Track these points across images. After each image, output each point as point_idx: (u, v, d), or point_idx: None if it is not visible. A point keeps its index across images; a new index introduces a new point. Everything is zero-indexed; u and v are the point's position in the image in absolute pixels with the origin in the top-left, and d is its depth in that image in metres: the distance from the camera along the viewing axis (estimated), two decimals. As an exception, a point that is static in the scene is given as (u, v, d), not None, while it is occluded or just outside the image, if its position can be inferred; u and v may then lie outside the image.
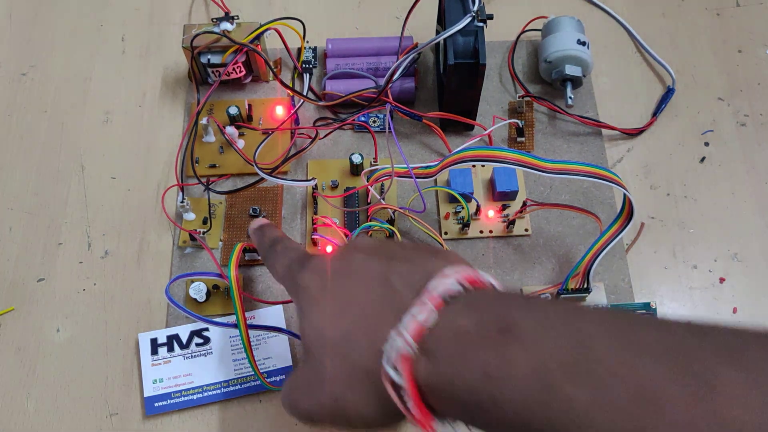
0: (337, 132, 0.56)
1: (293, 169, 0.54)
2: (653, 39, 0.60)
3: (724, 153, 0.55)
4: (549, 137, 0.56)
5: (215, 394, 0.46)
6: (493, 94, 0.58)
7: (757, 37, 0.60)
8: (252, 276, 0.50)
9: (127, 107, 0.58)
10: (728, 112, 0.57)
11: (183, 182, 0.53)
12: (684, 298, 0.49)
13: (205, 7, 0.63)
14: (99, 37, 0.61)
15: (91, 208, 0.53)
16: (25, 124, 0.57)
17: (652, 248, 0.51)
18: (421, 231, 0.51)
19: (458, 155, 0.43)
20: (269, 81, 0.58)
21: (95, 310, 0.49)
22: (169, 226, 0.52)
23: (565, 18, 0.56)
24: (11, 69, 0.59)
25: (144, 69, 0.59)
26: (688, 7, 0.62)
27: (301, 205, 0.53)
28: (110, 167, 0.55)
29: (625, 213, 0.45)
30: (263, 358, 0.47)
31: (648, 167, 0.54)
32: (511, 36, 0.60)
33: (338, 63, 0.57)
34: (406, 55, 0.50)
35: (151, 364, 0.47)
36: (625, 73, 0.59)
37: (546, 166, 0.41)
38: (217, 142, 0.54)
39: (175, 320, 0.48)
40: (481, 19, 0.48)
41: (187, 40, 0.53)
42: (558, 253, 0.51)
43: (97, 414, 0.46)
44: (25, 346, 0.48)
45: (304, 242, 0.51)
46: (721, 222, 0.52)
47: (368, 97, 0.54)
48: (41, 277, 0.50)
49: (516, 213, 0.50)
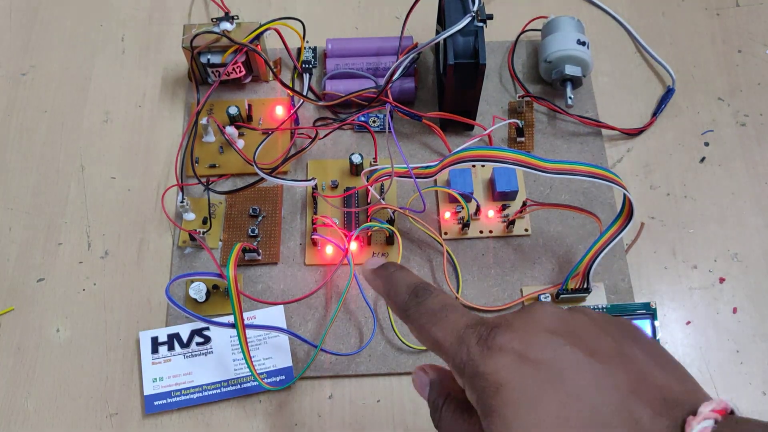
0: (337, 132, 0.56)
1: (293, 169, 0.54)
2: (653, 39, 0.60)
3: (724, 153, 0.55)
4: (549, 137, 0.56)
5: (215, 394, 0.46)
6: (493, 94, 0.58)
7: (757, 37, 0.60)
8: (252, 276, 0.50)
9: (127, 107, 0.58)
10: (728, 112, 0.57)
11: (183, 182, 0.53)
12: (684, 298, 0.49)
13: (205, 7, 0.63)
14: (99, 37, 0.61)
15: (91, 208, 0.53)
16: (25, 124, 0.57)
17: (652, 248, 0.51)
18: (421, 231, 0.51)
19: (458, 155, 0.43)
20: (269, 81, 0.58)
21: (95, 310, 0.49)
22: (169, 226, 0.52)
23: (565, 18, 0.56)
24: (11, 69, 0.59)
25: (144, 69, 0.59)
26: (688, 7, 0.62)
27: (301, 205, 0.53)
28: (110, 167, 0.55)
29: (625, 213, 0.45)
30: (263, 358, 0.47)
31: (648, 167, 0.54)
32: (511, 36, 0.60)
33: (338, 63, 0.57)
34: (406, 55, 0.50)
35: (151, 362, 0.47)
36: (625, 73, 0.59)
37: (546, 166, 0.41)
38: (217, 142, 0.54)
39: (174, 320, 0.48)
40: (481, 19, 0.48)
41: (187, 40, 0.53)
42: (558, 253, 0.51)
43: (97, 414, 0.46)
44: (25, 346, 0.48)
45: (304, 242, 0.51)
46: (721, 222, 0.52)
47: (368, 97, 0.54)
48: (41, 277, 0.50)
49: (516, 213, 0.50)
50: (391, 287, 0.31)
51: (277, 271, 0.50)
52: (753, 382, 0.46)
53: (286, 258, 0.51)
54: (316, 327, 0.48)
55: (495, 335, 0.25)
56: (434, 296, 0.29)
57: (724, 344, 0.48)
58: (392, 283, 0.32)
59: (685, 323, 0.49)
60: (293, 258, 0.51)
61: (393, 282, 0.32)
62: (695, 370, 0.47)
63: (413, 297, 0.30)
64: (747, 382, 0.46)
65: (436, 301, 0.29)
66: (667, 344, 0.48)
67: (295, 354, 0.47)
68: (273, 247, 0.51)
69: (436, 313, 0.28)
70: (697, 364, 0.47)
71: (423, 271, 0.50)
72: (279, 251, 0.51)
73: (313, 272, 0.50)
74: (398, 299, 0.31)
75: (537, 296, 0.48)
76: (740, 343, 0.48)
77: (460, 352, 0.26)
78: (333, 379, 0.47)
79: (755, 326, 0.48)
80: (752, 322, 0.48)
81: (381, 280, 0.33)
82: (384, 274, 0.32)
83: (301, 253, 0.51)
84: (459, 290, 0.49)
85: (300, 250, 0.51)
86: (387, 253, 0.50)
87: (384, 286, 0.32)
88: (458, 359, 0.26)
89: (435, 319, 0.28)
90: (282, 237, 0.51)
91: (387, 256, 0.50)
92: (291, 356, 0.47)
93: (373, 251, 0.50)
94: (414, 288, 0.30)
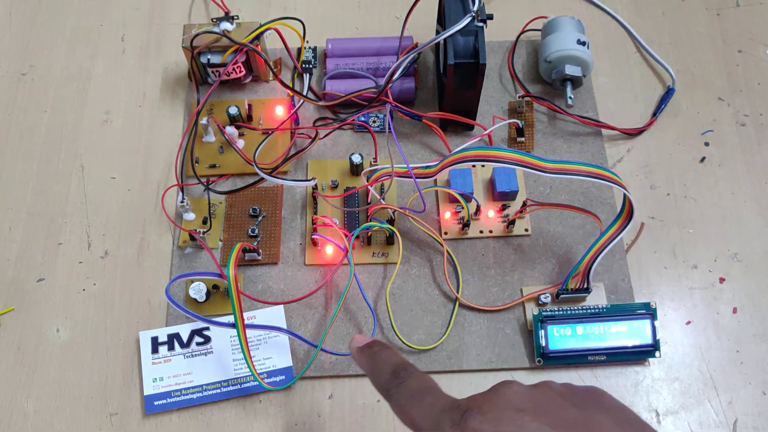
0: (337, 132, 0.56)
1: (293, 169, 0.54)
2: (653, 39, 0.60)
3: (724, 153, 0.55)
4: (549, 137, 0.56)
5: (215, 394, 0.46)
6: (493, 94, 0.58)
7: (757, 37, 0.60)
8: (252, 276, 0.50)
9: (127, 107, 0.58)
10: (728, 112, 0.57)
11: (183, 182, 0.53)
12: (684, 298, 0.49)
13: (205, 7, 0.63)
14: (99, 37, 0.61)
15: (91, 208, 0.53)
16: (25, 124, 0.57)
17: (652, 248, 0.51)
18: (421, 231, 0.51)
19: (458, 155, 0.43)
20: (269, 81, 0.58)
21: (95, 310, 0.49)
22: (169, 226, 0.52)
23: (565, 18, 0.56)
24: (11, 69, 0.59)
25: (144, 69, 0.59)
26: (688, 7, 0.62)
27: (301, 205, 0.53)
28: (110, 167, 0.55)
29: (625, 213, 0.45)
30: (263, 358, 0.47)
31: (648, 167, 0.54)
32: (511, 36, 0.60)
33: (338, 63, 0.57)
34: (406, 55, 0.50)
35: (151, 362, 0.47)
36: (625, 73, 0.59)
37: (546, 166, 0.41)
38: (217, 142, 0.54)
39: (174, 320, 0.48)
40: (481, 19, 0.48)
41: (187, 40, 0.53)
42: (558, 253, 0.51)
43: (97, 414, 0.46)
44: (25, 346, 0.48)
45: (304, 242, 0.51)
46: (721, 222, 0.52)
47: (368, 97, 0.54)
48: (41, 277, 0.50)
49: (516, 213, 0.50)
50: (374, 367, 0.34)
51: (277, 271, 0.50)
52: (753, 382, 0.46)
53: (286, 258, 0.51)
54: (316, 327, 0.48)
55: (467, 419, 0.27)
56: (414, 378, 0.32)
57: (724, 344, 0.48)
58: (375, 362, 0.34)
59: (685, 323, 0.49)
60: (293, 258, 0.51)
61: (376, 362, 0.34)
62: (695, 370, 0.47)
63: (394, 378, 0.32)
64: (747, 382, 0.46)
65: (415, 383, 0.31)
66: (667, 344, 0.48)
67: (295, 354, 0.47)
68: (273, 247, 0.51)
69: (414, 395, 0.31)
70: (697, 364, 0.47)
71: (423, 271, 0.50)
72: (279, 251, 0.51)
73: (313, 272, 0.50)
74: (381, 379, 0.33)
75: (537, 296, 0.48)
76: (740, 343, 0.48)
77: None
78: (333, 379, 0.47)
79: (755, 326, 0.48)
80: (752, 322, 0.48)
81: (365, 358, 0.35)
82: (368, 353, 0.35)
83: (301, 253, 0.51)
84: (459, 290, 0.49)
85: (300, 250, 0.51)
86: (387, 253, 0.50)
87: (368, 364, 0.34)
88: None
89: (413, 402, 0.30)
90: (282, 237, 0.51)
91: (387, 256, 0.50)
92: (291, 356, 0.47)
93: (372, 251, 0.50)
94: (395, 369, 0.32)
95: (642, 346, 0.46)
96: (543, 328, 0.46)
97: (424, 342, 0.48)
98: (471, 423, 0.27)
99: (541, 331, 0.46)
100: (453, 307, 0.49)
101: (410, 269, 0.50)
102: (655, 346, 0.46)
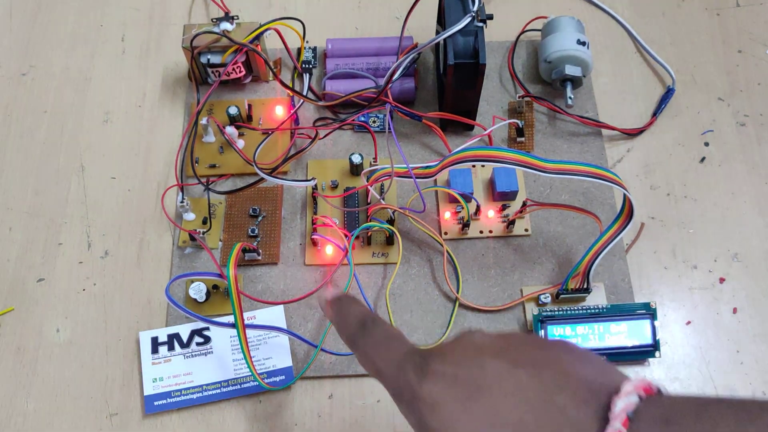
0: (337, 132, 0.56)
1: (293, 169, 0.54)
2: (653, 39, 0.60)
3: (724, 153, 0.55)
4: (549, 137, 0.56)
5: (215, 394, 0.46)
6: (493, 94, 0.58)
7: (757, 37, 0.60)
8: (252, 276, 0.50)
9: (127, 107, 0.58)
10: (728, 112, 0.57)
11: (183, 182, 0.53)
12: (684, 298, 0.49)
13: (205, 7, 0.63)
14: (99, 37, 0.61)
15: (91, 208, 0.53)
16: (25, 124, 0.57)
17: (652, 248, 0.51)
18: (421, 231, 0.51)
19: (458, 155, 0.43)
20: (269, 81, 0.58)
21: (95, 310, 0.49)
22: (169, 226, 0.52)
23: (565, 18, 0.56)
24: (11, 69, 0.59)
25: (144, 69, 0.59)
26: (688, 7, 0.62)
27: (301, 205, 0.53)
28: (110, 167, 0.55)
29: (625, 213, 0.45)
30: (263, 358, 0.47)
31: (648, 167, 0.54)
32: (511, 36, 0.60)
33: (338, 63, 0.57)
34: (406, 55, 0.50)
35: (151, 362, 0.47)
36: (625, 73, 0.59)
37: (546, 166, 0.41)
38: (217, 142, 0.54)
39: (174, 320, 0.48)
40: (481, 19, 0.48)
41: (187, 40, 0.53)
42: (558, 253, 0.51)
43: (97, 414, 0.46)
44: (25, 346, 0.48)
45: (304, 242, 0.51)
46: (721, 222, 0.52)
47: (368, 97, 0.54)
48: (41, 277, 0.50)
49: (516, 213, 0.50)
50: (342, 318, 0.34)
51: (277, 271, 0.50)
52: (753, 382, 0.46)
53: (286, 258, 0.51)
54: (316, 327, 0.48)
55: (429, 362, 0.27)
56: (379, 328, 0.32)
57: (724, 344, 0.48)
58: (343, 314, 0.34)
59: (685, 323, 0.49)
60: (293, 258, 0.51)
61: (344, 313, 0.34)
62: (695, 370, 0.47)
63: (361, 328, 0.32)
64: (747, 382, 0.46)
65: (380, 333, 0.31)
66: (667, 344, 0.48)
67: (295, 354, 0.47)
68: (273, 247, 0.51)
69: (379, 343, 0.31)
70: (697, 364, 0.47)
71: (423, 271, 0.50)
72: (279, 251, 0.51)
73: (313, 272, 0.50)
74: (348, 330, 0.33)
75: (537, 296, 0.48)
76: (740, 343, 0.48)
77: (399, 378, 0.28)
78: (333, 379, 0.47)
79: (755, 326, 0.48)
80: (752, 322, 0.48)
81: (334, 310, 0.35)
82: (337, 305, 0.35)
83: (301, 253, 0.51)
84: (459, 290, 0.49)
85: (300, 250, 0.51)
86: (387, 253, 0.50)
87: (336, 316, 0.34)
88: (397, 385, 0.28)
89: (378, 349, 0.30)
90: (282, 237, 0.51)
91: (387, 256, 0.50)
92: (291, 356, 0.47)
93: (372, 252, 0.50)
94: (362, 320, 0.33)
95: (642, 347, 0.46)
96: (543, 328, 0.46)
97: (424, 342, 0.48)
98: (433, 365, 0.27)
99: (541, 331, 0.46)
100: (453, 307, 0.49)
101: (410, 269, 0.50)
102: (655, 346, 0.46)
